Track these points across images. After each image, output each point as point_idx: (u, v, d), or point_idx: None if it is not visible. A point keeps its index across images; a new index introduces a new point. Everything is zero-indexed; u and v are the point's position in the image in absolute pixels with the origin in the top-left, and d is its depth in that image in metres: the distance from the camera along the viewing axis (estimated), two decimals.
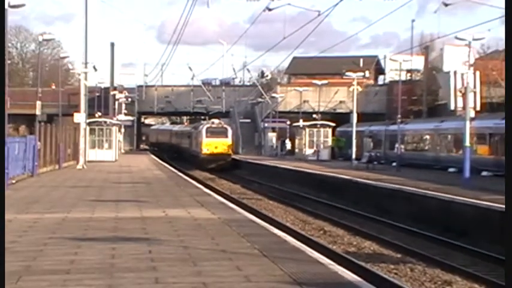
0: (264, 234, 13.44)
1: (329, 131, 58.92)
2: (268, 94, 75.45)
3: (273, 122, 71.82)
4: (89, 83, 49.92)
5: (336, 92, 74.99)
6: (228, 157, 58.25)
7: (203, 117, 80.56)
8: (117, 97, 73.81)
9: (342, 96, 74.80)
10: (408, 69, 68.90)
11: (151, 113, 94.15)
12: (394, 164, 41.60)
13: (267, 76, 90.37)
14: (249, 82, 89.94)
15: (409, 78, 73.29)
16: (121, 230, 13.53)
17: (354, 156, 45.87)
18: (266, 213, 26.65)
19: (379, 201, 28.63)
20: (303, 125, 59.94)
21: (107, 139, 51.36)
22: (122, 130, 69.78)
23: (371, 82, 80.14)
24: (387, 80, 79.68)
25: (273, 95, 73.96)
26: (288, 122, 70.69)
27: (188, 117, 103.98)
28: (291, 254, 10.97)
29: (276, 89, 77.75)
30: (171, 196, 21.96)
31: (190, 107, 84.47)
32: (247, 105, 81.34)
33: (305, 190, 36.57)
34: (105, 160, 48.27)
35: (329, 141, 58.84)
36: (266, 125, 72.54)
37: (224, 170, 54.48)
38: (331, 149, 58.71)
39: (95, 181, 29.09)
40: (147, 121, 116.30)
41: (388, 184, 29.01)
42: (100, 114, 60.21)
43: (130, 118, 78.32)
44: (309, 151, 58.34)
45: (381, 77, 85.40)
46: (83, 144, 43.14)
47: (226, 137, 58.73)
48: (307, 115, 67.33)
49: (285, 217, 26.51)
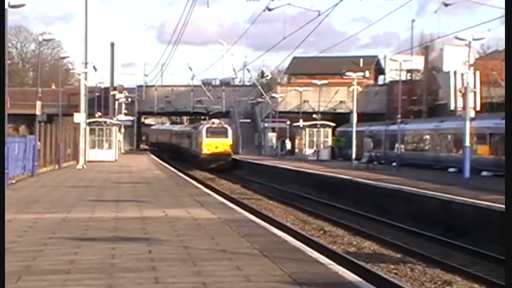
0: (264, 234, 13.43)
1: (329, 131, 58.86)
2: (268, 94, 75.41)
3: (273, 122, 71.79)
4: (89, 83, 49.91)
5: (336, 92, 74.98)
6: (229, 157, 58.10)
7: (203, 117, 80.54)
8: (117, 97, 73.78)
9: (342, 96, 74.79)
10: (408, 69, 68.89)
11: (151, 113, 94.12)
12: (394, 164, 41.59)
13: (267, 76, 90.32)
14: (249, 82, 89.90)
15: (409, 78, 73.27)
16: (121, 230, 13.53)
17: (354, 156, 45.84)
18: (266, 213, 26.64)
19: (379, 201, 28.62)
20: (303, 125, 59.88)
21: (107, 139, 51.35)
22: (122, 130, 69.77)
23: (371, 82, 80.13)
24: (387, 80, 79.69)
25: (273, 95, 73.92)
26: (288, 122, 70.65)
27: (188, 117, 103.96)
28: (291, 254, 10.97)
29: (276, 89, 77.72)
30: (171, 196, 21.96)
31: (190, 107, 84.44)
32: (247, 105, 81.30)
33: (305, 190, 36.54)
34: (105, 160, 48.27)
35: (329, 141, 58.78)
36: (266, 125, 72.50)
37: (224, 170, 54.43)
38: (331, 149, 58.66)
39: (95, 181, 29.09)
40: (147, 121, 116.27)
41: (388, 184, 29.00)
42: (100, 114, 60.18)
43: (130, 118, 78.29)
44: (309, 151, 58.29)
45: (381, 77, 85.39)
46: (83, 144, 43.15)
47: (226, 137, 58.57)
48: (307, 115, 67.29)
49: (285, 217, 26.50)
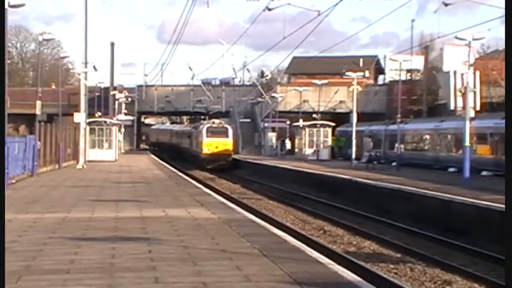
0: (264, 234, 13.44)
1: (329, 131, 58.88)
2: (268, 94, 75.38)
3: (273, 122, 71.75)
4: (89, 83, 49.92)
5: (336, 92, 75.00)
6: (229, 157, 58.04)
7: (203, 117, 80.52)
8: (117, 97, 73.79)
9: (342, 96, 74.80)
10: (408, 69, 68.90)
11: (151, 113, 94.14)
12: (394, 164, 41.60)
13: (267, 76, 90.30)
14: (249, 82, 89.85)
15: (409, 78, 73.27)
16: (121, 230, 13.53)
17: (354, 156, 45.85)
18: (266, 213, 26.64)
19: (378, 201, 28.63)
20: (303, 125, 59.89)
21: (107, 139, 51.34)
22: (122, 130, 69.77)
23: (371, 82, 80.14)
24: (387, 80, 79.66)
25: (273, 95, 73.85)
26: (288, 122, 70.63)
27: (188, 117, 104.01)
28: (291, 254, 10.97)
29: (276, 89, 77.67)
30: (171, 196, 21.96)
31: (190, 107, 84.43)
32: (247, 105, 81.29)
33: (305, 190, 36.54)
34: (105, 160, 48.28)
35: (329, 141, 58.80)
36: (266, 125, 72.46)
37: (224, 170, 54.42)
38: (331, 149, 58.69)
39: (95, 181, 29.08)
40: (147, 121, 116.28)
41: (388, 184, 28.99)
42: (100, 114, 60.17)
43: (130, 118, 78.29)
44: (309, 151, 58.30)
45: (381, 77, 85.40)
46: (83, 144, 43.16)
47: (226, 137, 58.48)
48: (307, 115, 67.31)
49: (285, 217, 26.50)
